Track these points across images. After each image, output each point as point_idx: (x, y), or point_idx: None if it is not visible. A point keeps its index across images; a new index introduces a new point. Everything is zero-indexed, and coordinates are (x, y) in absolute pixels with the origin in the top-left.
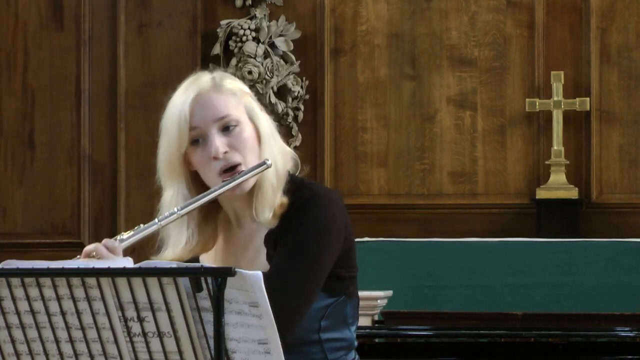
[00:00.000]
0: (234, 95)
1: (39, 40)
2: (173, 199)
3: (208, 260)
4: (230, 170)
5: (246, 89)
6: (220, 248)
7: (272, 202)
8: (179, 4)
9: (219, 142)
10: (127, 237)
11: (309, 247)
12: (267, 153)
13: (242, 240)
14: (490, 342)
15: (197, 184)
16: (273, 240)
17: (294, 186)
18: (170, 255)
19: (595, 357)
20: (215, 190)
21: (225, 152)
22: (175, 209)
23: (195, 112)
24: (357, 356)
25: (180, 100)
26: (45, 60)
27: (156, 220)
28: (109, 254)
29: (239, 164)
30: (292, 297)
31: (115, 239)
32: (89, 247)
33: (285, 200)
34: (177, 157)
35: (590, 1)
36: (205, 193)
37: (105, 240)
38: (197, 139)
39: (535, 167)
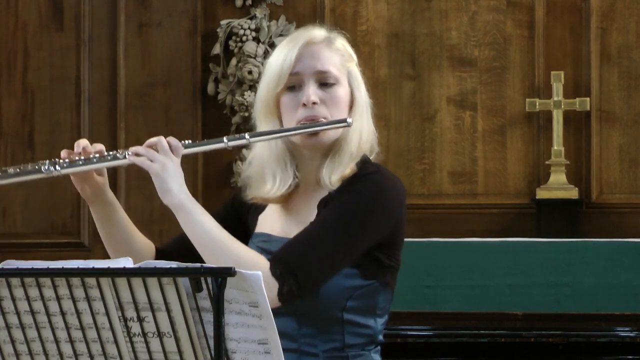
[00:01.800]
0: (341, 56)
1: (39, 40)
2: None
3: (265, 221)
4: None
5: (355, 56)
6: (279, 212)
7: (344, 168)
8: (179, 4)
9: (312, 92)
10: (192, 144)
11: (354, 212)
12: (355, 124)
13: (300, 204)
14: (490, 342)
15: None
16: (324, 202)
17: (365, 163)
18: (272, 190)
19: (595, 357)
20: (291, 130)
21: (315, 103)
22: (246, 135)
23: (301, 58)
24: (378, 347)
25: (290, 45)
26: (45, 60)
27: (224, 138)
28: (169, 150)
29: (324, 118)
30: (321, 250)
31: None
32: (152, 139)
33: (354, 167)
34: (272, 97)
35: (590, 1)
36: (280, 129)
37: (170, 138)
38: (293, 85)
39: (535, 167)
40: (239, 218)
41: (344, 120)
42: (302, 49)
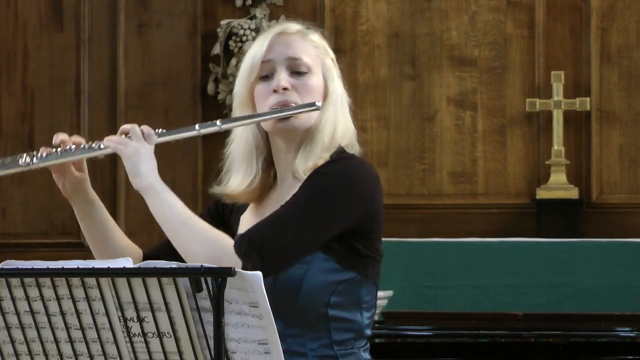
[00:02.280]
0: (315, 48)
1: (38, 40)
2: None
3: (246, 220)
4: None
5: (331, 52)
6: (258, 209)
7: (316, 157)
8: (179, 4)
9: (283, 78)
10: (165, 132)
11: (323, 193)
12: (328, 112)
13: (278, 199)
14: (490, 342)
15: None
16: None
17: (340, 153)
18: (229, 189)
19: (595, 357)
20: (261, 115)
21: (286, 89)
22: (218, 122)
23: (273, 47)
24: (368, 345)
25: (264, 36)
26: (45, 60)
27: (196, 126)
28: (141, 137)
29: (294, 104)
30: (287, 229)
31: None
32: (125, 126)
33: (326, 159)
34: (246, 89)
35: (591, 1)
36: (250, 114)
37: (144, 126)
38: (266, 75)
39: (535, 167)
40: (223, 222)
41: (313, 104)
42: (275, 38)
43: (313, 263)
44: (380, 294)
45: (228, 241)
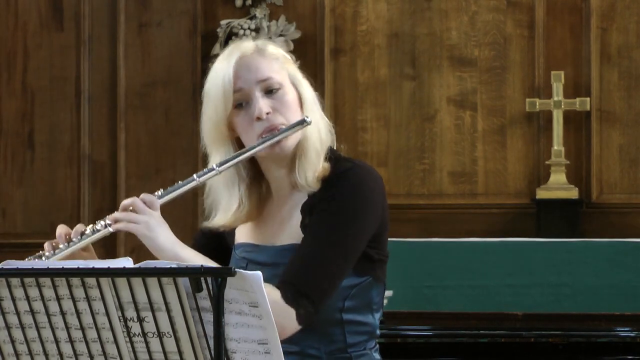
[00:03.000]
0: (276, 60)
1: (38, 40)
2: None
3: (243, 231)
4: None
5: (288, 56)
6: (257, 220)
7: (315, 165)
8: (179, 4)
9: (262, 103)
10: (165, 192)
11: (343, 219)
12: (311, 117)
13: (277, 209)
14: (490, 342)
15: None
16: (310, 207)
17: (335, 157)
18: (221, 221)
19: (595, 357)
20: (255, 147)
21: (268, 114)
22: (214, 166)
23: (239, 74)
24: (377, 345)
25: (224, 64)
26: (45, 60)
27: (194, 176)
28: (146, 208)
29: (282, 125)
30: (323, 265)
31: (154, 195)
32: (126, 201)
33: (327, 165)
34: (223, 121)
35: (590, 1)
36: (244, 149)
37: (144, 195)
38: (240, 103)
39: (535, 167)
40: (217, 245)
41: (303, 121)
42: (237, 64)
43: None
44: None
45: (273, 292)
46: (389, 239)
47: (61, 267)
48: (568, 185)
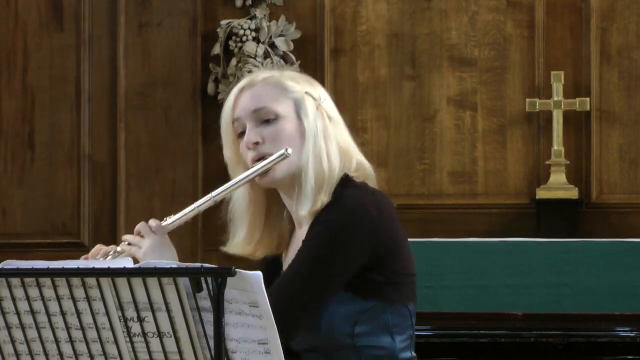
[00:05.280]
0: (282, 90)
1: (38, 40)
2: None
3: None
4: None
5: (310, 87)
6: (287, 247)
7: (311, 200)
8: (179, 4)
9: (252, 133)
10: (171, 220)
11: (328, 248)
12: (307, 151)
13: (297, 237)
14: (490, 342)
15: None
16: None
17: (342, 188)
18: (235, 243)
19: (595, 357)
20: (240, 178)
21: (257, 143)
22: (211, 194)
23: (237, 104)
24: None
25: (231, 93)
26: (45, 60)
27: (195, 204)
28: (151, 232)
29: (269, 155)
30: (294, 293)
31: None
32: (137, 227)
33: (325, 200)
34: (232, 150)
35: (590, 1)
36: (233, 180)
37: (152, 220)
38: (242, 132)
39: (535, 167)
40: (275, 269)
41: (282, 153)
42: (238, 94)
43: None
44: None
45: None
46: None
47: (61, 267)
48: (568, 185)
